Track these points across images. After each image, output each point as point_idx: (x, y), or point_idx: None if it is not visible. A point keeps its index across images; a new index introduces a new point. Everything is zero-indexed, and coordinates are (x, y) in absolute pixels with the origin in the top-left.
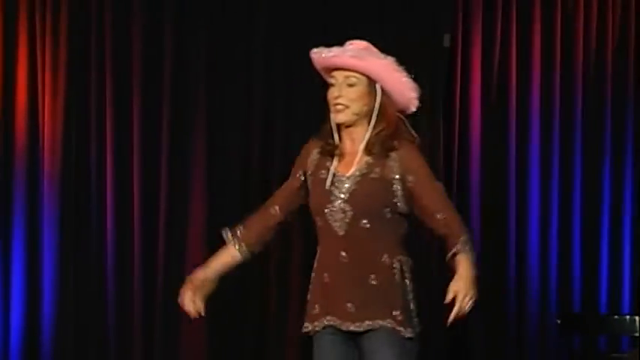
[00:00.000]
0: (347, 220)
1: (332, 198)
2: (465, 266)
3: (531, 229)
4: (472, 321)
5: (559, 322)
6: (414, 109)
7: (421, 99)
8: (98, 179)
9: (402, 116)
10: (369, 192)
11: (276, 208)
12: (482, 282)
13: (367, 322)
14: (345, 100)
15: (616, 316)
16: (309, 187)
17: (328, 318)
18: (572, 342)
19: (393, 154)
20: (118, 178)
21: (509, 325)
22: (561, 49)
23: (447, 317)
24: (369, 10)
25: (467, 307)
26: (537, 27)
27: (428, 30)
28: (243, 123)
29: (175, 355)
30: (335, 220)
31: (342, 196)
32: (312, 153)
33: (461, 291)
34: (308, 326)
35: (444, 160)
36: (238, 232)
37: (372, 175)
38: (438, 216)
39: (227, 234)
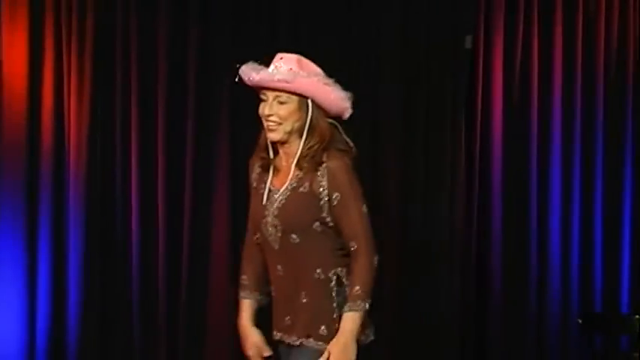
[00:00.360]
0: (279, 235)
1: (266, 213)
2: (346, 328)
3: (552, 229)
4: (492, 320)
5: (580, 321)
6: (347, 115)
7: (443, 100)
8: (123, 180)
9: (336, 123)
10: (297, 206)
11: (258, 235)
12: (504, 281)
13: (294, 338)
14: (276, 118)
15: (638, 316)
16: (252, 201)
17: (275, 331)
18: (593, 342)
19: (322, 169)
20: (143, 179)
21: (530, 325)
22: (582, 50)
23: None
24: (393, 13)
25: None
26: (559, 29)
27: (450, 32)
28: None
29: (200, 354)
30: (269, 235)
31: (273, 211)
32: (255, 167)
33: (333, 355)
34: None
35: (466, 160)
36: (244, 282)
37: (301, 190)
38: (351, 244)
39: (241, 295)
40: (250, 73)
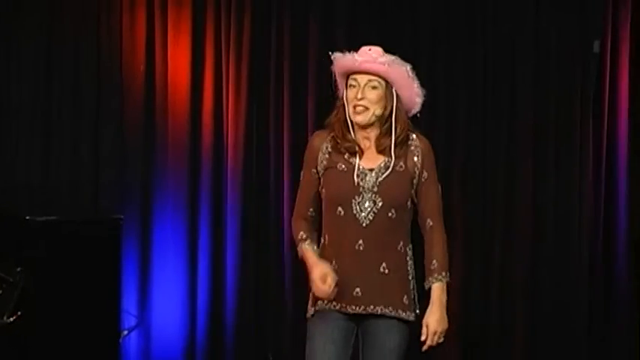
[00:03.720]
0: (375, 211)
1: (360, 190)
2: (439, 298)
3: None
4: (616, 325)
5: None
6: (415, 111)
7: (572, 100)
8: (276, 175)
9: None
10: (398, 183)
11: (311, 210)
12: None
13: (370, 307)
14: (366, 102)
15: None
16: (326, 180)
17: (334, 302)
18: None
19: (415, 149)
20: (294, 173)
21: None
22: None
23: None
24: (526, 21)
25: (437, 342)
26: None
27: (578, 37)
28: None
29: None
30: (362, 211)
31: (372, 188)
32: (322, 148)
33: (431, 326)
34: (311, 310)
35: (593, 160)
36: (302, 237)
37: (398, 169)
38: (428, 221)
39: (299, 247)
40: (352, 56)
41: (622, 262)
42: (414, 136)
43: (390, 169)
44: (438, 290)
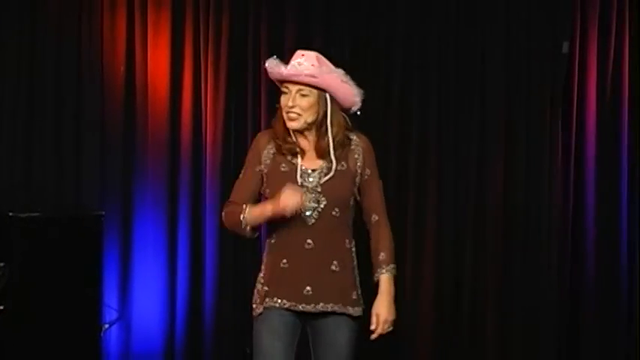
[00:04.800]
0: (319, 210)
1: (304, 190)
2: (387, 289)
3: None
4: (585, 323)
5: None
6: (356, 109)
7: (542, 100)
8: None
9: (344, 115)
10: (341, 182)
11: (243, 206)
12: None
13: (320, 305)
14: (298, 110)
15: None
16: (270, 180)
17: (283, 300)
18: None
19: (357, 148)
20: None
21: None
22: None
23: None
24: (497, 22)
25: (387, 330)
26: None
27: (548, 37)
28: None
29: None
30: (306, 210)
31: (314, 188)
32: (266, 148)
33: (382, 315)
34: (259, 307)
35: (563, 157)
36: (241, 207)
37: (340, 168)
38: (373, 216)
39: (243, 217)
40: (280, 67)
41: (591, 261)
42: (354, 135)
43: (332, 171)
44: (386, 281)
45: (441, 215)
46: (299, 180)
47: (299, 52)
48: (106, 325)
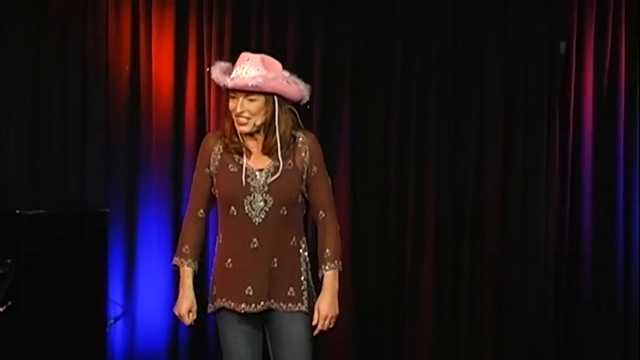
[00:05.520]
0: (267, 209)
1: (250, 190)
2: (330, 286)
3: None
4: (582, 323)
5: None
6: (305, 101)
7: (540, 102)
8: None
9: (294, 109)
10: (288, 181)
11: (201, 211)
12: (593, 265)
13: (260, 305)
14: (247, 114)
15: None
16: (218, 180)
17: (229, 301)
18: None
19: (303, 146)
20: None
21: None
22: None
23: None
24: (495, 22)
25: (328, 327)
26: None
27: (546, 37)
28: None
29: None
30: (253, 210)
31: (262, 187)
32: (214, 149)
33: (322, 311)
34: (210, 308)
35: (560, 156)
36: (186, 252)
37: (287, 167)
38: (320, 213)
39: (178, 262)
40: (224, 79)
41: (588, 261)
42: (300, 133)
43: (279, 170)
44: (330, 278)
45: (440, 215)
46: (244, 180)
47: (244, 56)
48: (111, 321)
